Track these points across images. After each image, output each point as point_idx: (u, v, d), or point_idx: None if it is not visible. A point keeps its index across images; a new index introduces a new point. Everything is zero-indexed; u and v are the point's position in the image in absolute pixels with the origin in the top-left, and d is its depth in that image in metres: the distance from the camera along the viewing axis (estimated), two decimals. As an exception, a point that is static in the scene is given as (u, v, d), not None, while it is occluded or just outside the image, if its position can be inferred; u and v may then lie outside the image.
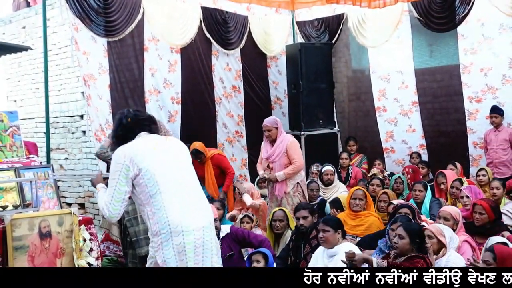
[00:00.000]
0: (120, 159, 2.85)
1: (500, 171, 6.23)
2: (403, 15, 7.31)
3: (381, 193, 5.39)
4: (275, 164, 5.22)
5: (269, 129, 5.23)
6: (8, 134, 4.35)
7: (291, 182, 5.19)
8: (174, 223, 2.78)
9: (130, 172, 2.81)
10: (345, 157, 7.14)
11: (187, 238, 2.78)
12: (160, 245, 2.79)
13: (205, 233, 2.86)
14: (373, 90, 7.82)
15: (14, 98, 8.75)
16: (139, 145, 2.92)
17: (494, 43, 6.56)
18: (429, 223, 4.31)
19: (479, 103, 6.75)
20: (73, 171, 7.59)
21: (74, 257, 3.66)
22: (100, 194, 2.99)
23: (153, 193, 2.81)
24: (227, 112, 7.61)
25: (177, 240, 2.77)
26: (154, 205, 2.81)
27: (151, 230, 2.85)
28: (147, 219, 2.86)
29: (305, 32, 8.30)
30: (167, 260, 2.77)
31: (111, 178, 2.87)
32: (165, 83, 6.74)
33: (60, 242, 3.64)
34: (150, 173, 2.82)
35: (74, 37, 5.75)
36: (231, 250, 4.18)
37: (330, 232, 3.72)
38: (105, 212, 2.86)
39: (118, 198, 2.82)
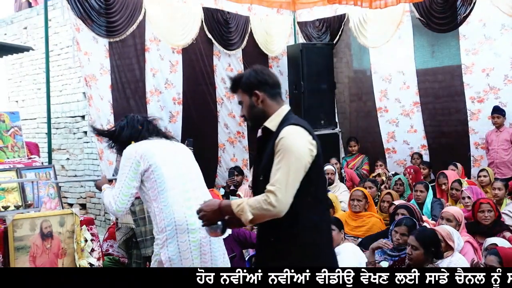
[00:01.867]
0: (131, 155, 2.90)
1: (501, 172, 6.22)
2: (405, 16, 7.30)
3: (384, 194, 5.38)
4: None
5: None
6: (9, 135, 4.36)
7: None
8: (180, 221, 2.81)
9: (140, 167, 2.86)
10: (335, 163, 6.88)
11: (193, 236, 2.80)
12: (165, 242, 2.82)
13: None
14: (374, 90, 7.81)
15: (15, 99, 8.77)
16: (150, 144, 3.00)
17: (495, 43, 6.55)
18: (431, 224, 4.31)
19: (481, 103, 6.74)
20: (74, 172, 7.60)
21: (75, 258, 3.66)
22: (107, 192, 3.02)
23: (162, 189, 2.86)
24: (229, 112, 7.61)
25: (182, 238, 2.79)
26: (161, 201, 2.85)
27: (157, 227, 2.87)
28: (154, 215, 2.89)
29: (307, 33, 8.30)
30: (172, 257, 2.79)
31: (120, 173, 2.91)
32: (167, 83, 6.74)
33: (61, 243, 3.64)
34: (160, 169, 2.87)
35: (75, 37, 5.75)
36: (232, 252, 4.17)
37: (335, 231, 3.72)
38: (112, 206, 2.88)
39: (126, 193, 2.86)
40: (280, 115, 2.28)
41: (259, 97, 2.29)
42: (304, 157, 2.13)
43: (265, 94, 2.29)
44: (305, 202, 2.16)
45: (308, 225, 2.18)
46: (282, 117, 2.27)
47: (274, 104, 2.30)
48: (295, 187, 2.11)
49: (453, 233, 3.57)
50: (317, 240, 2.21)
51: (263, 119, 2.29)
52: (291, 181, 2.10)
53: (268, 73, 2.35)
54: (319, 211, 2.23)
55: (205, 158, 6.52)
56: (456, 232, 3.65)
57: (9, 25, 8.72)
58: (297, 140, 2.14)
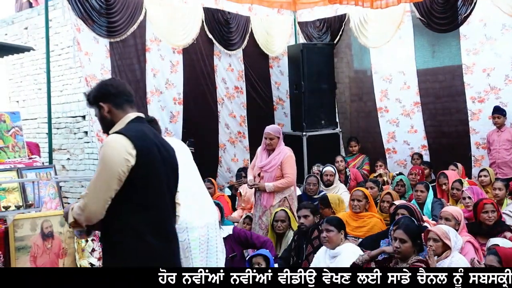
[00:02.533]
0: None
1: (503, 172, 6.22)
2: (405, 16, 7.30)
3: (384, 194, 5.38)
4: (266, 174, 4.98)
5: (271, 138, 4.96)
6: (10, 135, 4.36)
7: (278, 195, 4.93)
8: (179, 220, 2.79)
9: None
10: (340, 160, 6.88)
11: (192, 234, 2.81)
12: None
13: (210, 230, 2.88)
14: (375, 90, 7.80)
15: (16, 99, 8.77)
16: None
17: (496, 43, 6.55)
18: (431, 224, 4.30)
19: (482, 103, 6.73)
20: (75, 172, 7.61)
21: (76, 258, 3.66)
22: None
23: None
24: (230, 112, 7.61)
25: (182, 237, 2.80)
26: None
27: None
28: None
29: (307, 33, 8.30)
30: None
31: None
32: (167, 83, 6.74)
33: (62, 243, 3.64)
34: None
35: (76, 37, 5.76)
36: (233, 252, 4.17)
37: (334, 232, 3.71)
38: None
39: None
40: (123, 122, 2.38)
41: (104, 108, 2.40)
42: (115, 166, 2.20)
43: (110, 104, 2.40)
44: (126, 209, 2.25)
45: (129, 231, 2.25)
46: (124, 124, 2.37)
47: (120, 112, 2.41)
48: (105, 194, 2.20)
49: (449, 231, 3.54)
50: (139, 244, 2.26)
51: (112, 128, 2.40)
52: (99, 189, 2.21)
53: (113, 84, 2.46)
54: (145, 217, 2.28)
55: (205, 158, 6.53)
56: (452, 230, 3.61)
57: (10, 25, 8.72)
58: (111, 150, 2.22)
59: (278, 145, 4.99)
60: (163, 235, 2.36)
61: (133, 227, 2.25)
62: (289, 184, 4.96)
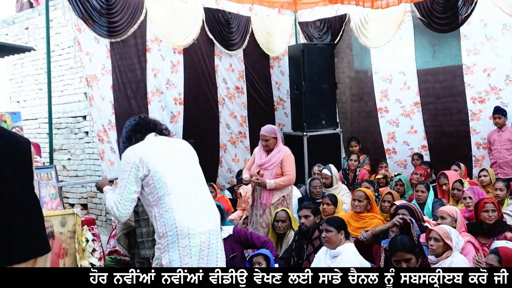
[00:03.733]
0: (130, 158, 2.85)
1: (504, 172, 6.22)
2: (406, 16, 7.30)
3: (385, 194, 5.38)
4: (266, 172, 4.94)
5: (267, 139, 4.91)
6: (11, 135, 4.35)
7: (277, 193, 4.90)
8: (181, 226, 2.78)
9: (140, 172, 2.81)
10: (354, 159, 7.08)
11: (193, 241, 2.78)
12: (166, 247, 2.80)
13: (211, 237, 2.85)
14: (375, 90, 7.80)
15: (17, 99, 8.78)
16: (149, 145, 2.93)
17: (497, 43, 6.55)
18: (432, 224, 4.30)
19: (482, 103, 6.73)
20: (75, 172, 7.61)
21: (76, 258, 3.67)
22: (108, 195, 2.98)
23: (162, 195, 2.81)
24: (230, 112, 7.62)
25: (183, 243, 2.78)
26: (162, 206, 2.81)
27: (157, 232, 2.85)
28: (154, 220, 2.86)
29: (308, 33, 8.30)
30: (172, 262, 2.78)
31: (120, 177, 2.87)
32: (168, 83, 6.74)
33: (63, 243, 3.65)
34: (159, 174, 2.82)
35: (77, 38, 5.76)
36: (233, 252, 4.17)
37: (333, 232, 3.71)
38: (114, 212, 2.86)
39: (127, 198, 2.83)
40: None
41: None
42: None
43: None
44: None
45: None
46: None
47: None
48: None
49: (451, 231, 3.52)
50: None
51: None
52: None
53: None
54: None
55: (206, 159, 6.52)
56: (454, 230, 3.60)
57: (11, 26, 8.73)
58: None
59: (277, 144, 4.97)
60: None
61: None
62: (290, 182, 4.96)
